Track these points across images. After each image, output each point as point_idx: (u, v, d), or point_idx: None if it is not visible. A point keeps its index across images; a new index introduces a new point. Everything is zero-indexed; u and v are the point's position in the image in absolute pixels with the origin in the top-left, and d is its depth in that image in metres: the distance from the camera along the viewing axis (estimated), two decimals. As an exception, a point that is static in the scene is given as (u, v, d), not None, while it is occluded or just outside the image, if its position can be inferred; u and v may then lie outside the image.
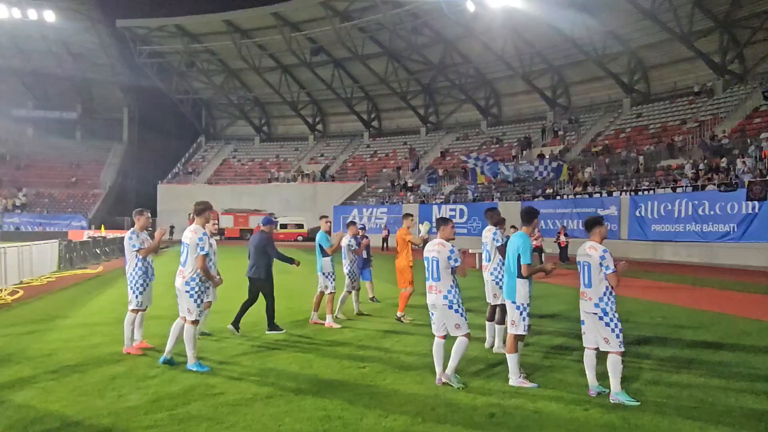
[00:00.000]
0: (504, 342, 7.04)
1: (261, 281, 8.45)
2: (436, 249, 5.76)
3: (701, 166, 26.92)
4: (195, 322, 6.28)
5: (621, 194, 28.35)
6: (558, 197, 31.57)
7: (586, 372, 5.21)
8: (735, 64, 35.46)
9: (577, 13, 35.74)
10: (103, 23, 49.73)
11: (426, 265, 5.82)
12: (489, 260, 7.26)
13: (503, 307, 7.00)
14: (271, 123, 60.37)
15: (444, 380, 5.53)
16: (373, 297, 11.90)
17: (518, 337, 5.55)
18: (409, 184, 43.28)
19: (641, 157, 31.85)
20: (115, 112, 59.71)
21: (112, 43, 52.10)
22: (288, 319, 9.45)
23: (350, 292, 10.24)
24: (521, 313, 5.52)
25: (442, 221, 5.92)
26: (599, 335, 5.04)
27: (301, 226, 45.33)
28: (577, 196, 30.67)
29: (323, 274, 9.26)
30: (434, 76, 48.58)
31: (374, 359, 6.74)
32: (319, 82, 52.61)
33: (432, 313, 5.84)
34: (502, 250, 7.05)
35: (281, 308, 10.82)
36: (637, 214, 26.70)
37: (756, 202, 21.66)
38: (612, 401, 4.88)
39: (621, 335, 4.98)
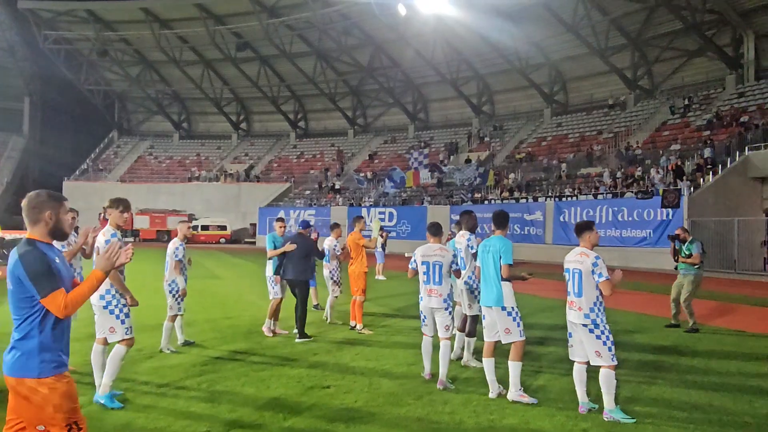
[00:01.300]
0: (473, 354, 6.79)
1: (303, 283, 8.47)
2: (439, 254, 6.01)
3: (618, 175, 28.43)
4: (123, 342, 5.23)
5: (546, 200, 29.35)
6: (486, 202, 32.21)
7: (576, 388, 4.97)
8: (645, 79, 37.93)
9: (504, 24, 36.78)
10: (3, 3, 45.31)
11: (426, 270, 5.97)
12: (464, 267, 6.94)
13: (474, 318, 6.72)
14: (191, 119, 57.61)
15: (441, 387, 5.63)
16: (317, 304, 11.32)
17: (521, 344, 5.24)
18: (337, 186, 42.70)
19: (563, 165, 33.21)
20: (14, 102, 54.48)
21: (12, 26, 47.56)
22: (229, 330, 8.69)
23: (336, 297, 9.95)
24: (514, 318, 5.21)
25: (437, 228, 6.25)
26: (589, 348, 4.81)
27: (224, 227, 43.48)
28: (504, 201, 31.43)
29: (269, 278, 8.65)
30: (363, 78, 48.32)
31: (336, 376, 6.20)
32: (244, 79, 50.82)
33: (425, 316, 6.01)
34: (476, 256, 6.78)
35: (217, 317, 10.04)
36: (561, 219, 27.72)
37: (670, 209, 23.07)
38: (606, 419, 4.66)
39: (613, 348, 4.78)
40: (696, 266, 9.37)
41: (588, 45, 37.03)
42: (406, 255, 20.91)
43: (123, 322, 5.23)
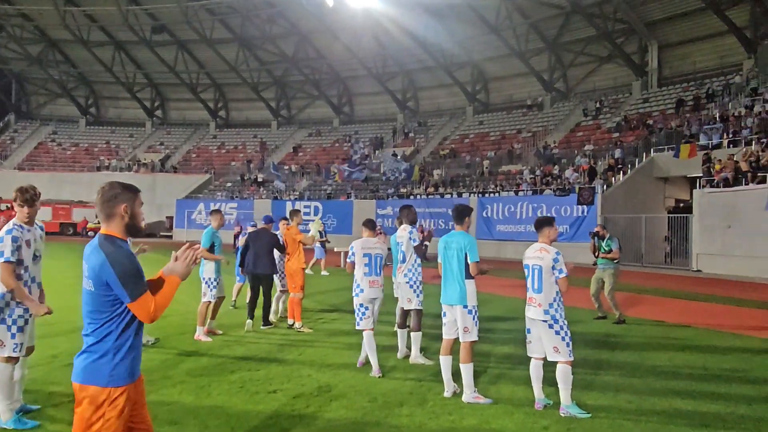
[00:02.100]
0: (421, 350, 6.70)
1: (270, 277, 8.69)
2: (380, 246, 6.43)
3: (537, 172, 29.66)
4: (10, 360, 4.39)
5: (470, 195, 30.07)
6: (411, 197, 32.52)
7: (533, 384, 4.99)
8: (560, 82, 39.81)
9: (430, 21, 37.27)
10: None
11: (368, 261, 6.27)
12: (404, 261, 6.82)
13: (418, 312, 6.63)
14: (100, 104, 53.82)
15: (378, 375, 5.88)
16: (235, 302, 10.82)
17: (473, 345, 5.16)
18: (260, 179, 41.53)
19: (486, 162, 34.19)
20: None
21: None
22: (157, 332, 8.08)
23: (284, 292, 9.46)
24: (473, 317, 5.13)
25: (373, 223, 6.60)
26: (548, 344, 4.84)
27: (137, 220, 40.99)
28: (430, 197, 31.89)
29: (203, 279, 8.11)
30: (288, 69, 47.24)
31: (282, 379, 5.89)
32: (160, 64, 48.12)
33: (367, 308, 6.21)
34: (419, 249, 6.68)
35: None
36: (484, 214, 28.51)
37: (585, 206, 24.34)
38: (562, 414, 4.70)
39: (571, 343, 4.84)
40: (615, 261, 9.87)
41: (509, 46, 38.32)
42: (336, 250, 20.65)
43: (14, 336, 4.36)
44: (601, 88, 37.39)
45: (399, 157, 38.01)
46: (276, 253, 9.00)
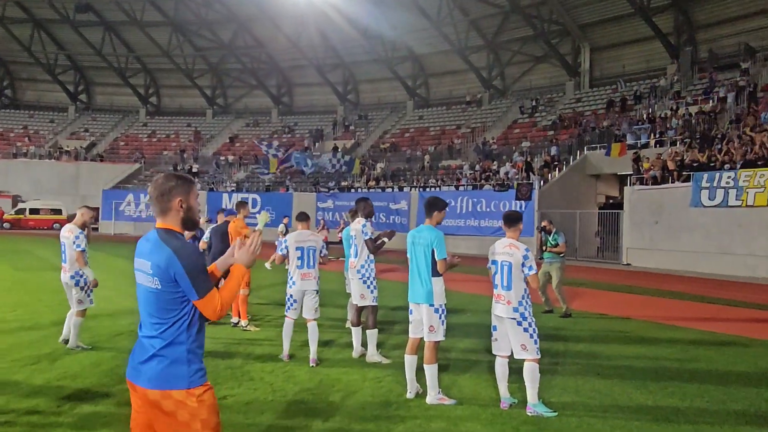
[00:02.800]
0: (377, 348, 6.50)
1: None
2: (313, 239, 6.57)
3: (477, 168, 30.14)
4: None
5: (411, 190, 30.17)
6: (352, 190, 32.26)
7: (498, 383, 4.89)
8: (498, 80, 40.65)
9: (373, 13, 36.99)
10: None
11: (301, 255, 6.42)
12: (356, 256, 6.58)
13: (374, 308, 6.43)
14: (16, 86, 49.95)
15: (314, 364, 6.09)
16: None
17: (437, 345, 4.98)
18: (194, 170, 39.91)
19: (426, 156, 34.42)
20: None
21: None
22: (85, 334, 7.44)
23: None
24: (440, 316, 4.94)
25: (306, 216, 6.74)
26: (515, 341, 4.74)
27: (58, 211, 38.35)
28: (371, 190, 31.74)
29: None
30: (224, 56, 45.65)
31: (232, 384, 5.50)
32: (86, 46, 45.21)
33: (295, 300, 6.44)
34: (371, 244, 6.46)
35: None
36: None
37: (523, 202, 24.94)
38: (529, 413, 4.62)
39: (538, 341, 4.76)
40: (561, 255, 10.09)
41: (450, 42, 38.69)
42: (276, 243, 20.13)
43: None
44: (536, 87, 38.47)
45: (340, 150, 37.59)
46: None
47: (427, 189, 29.74)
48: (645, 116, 27.54)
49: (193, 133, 45.91)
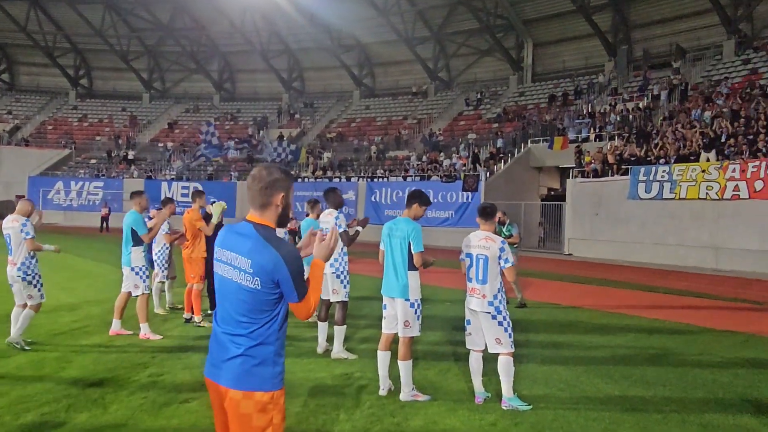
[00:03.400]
0: (343, 344, 6.35)
1: None
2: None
3: (424, 159, 30.33)
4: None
5: (358, 180, 29.99)
6: (299, 180, 31.74)
7: (473, 377, 4.86)
8: (444, 71, 40.98)
9: (319, 1, 36.25)
10: None
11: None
12: None
13: (344, 304, 6.27)
14: (-73, 63, 45.97)
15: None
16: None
17: (412, 341, 4.87)
18: (130, 156, 38.08)
19: (373, 147, 34.29)
20: None
21: None
22: (46, 329, 6.88)
23: (164, 282, 8.76)
24: (416, 311, 4.84)
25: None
26: (489, 335, 4.70)
27: (-23, 199, 35.67)
28: (318, 180, 31.33)
29: (132, 269, 7.07)
30: (162, 38, 43.62)
31: (192, 386, 5.20)
32: (9, 22, 41.96)
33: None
34: (345, 237, 6.30)
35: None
36: (373, 199, 28.61)
37: (469, 193, 25.32)
38: (504, 408, 4.62)
39: (513, 334, 4.75)
40: (515, 245, 10.24)
41: (396, 32, 38.58)
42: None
43: None
44: (481, 80, 39.04)
45: (285, 139, 36.87)
46: (159, 237, 8.32)
47: (375, 179, 29.67)
48: (585, 111, 28.52)
49: (128, 117, 43.73)
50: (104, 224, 28.84)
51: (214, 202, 8.34)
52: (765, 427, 4.33)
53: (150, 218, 8.20)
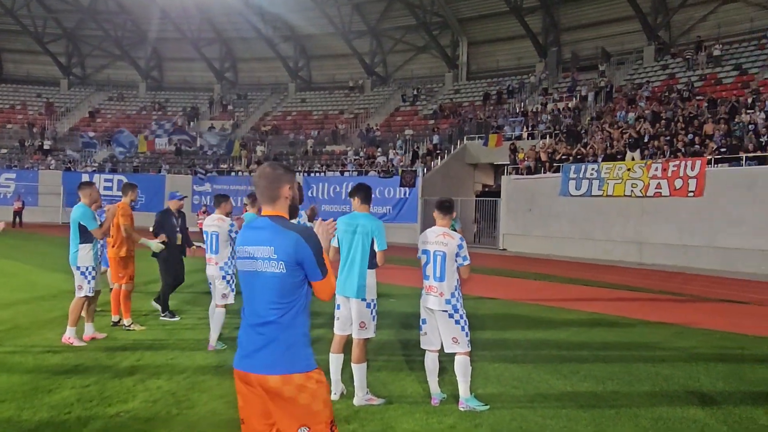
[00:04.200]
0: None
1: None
2: (217, 224, 6.55)
3: (361, 154, 30.14)
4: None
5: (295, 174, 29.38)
6: (233, 173, 30.73)
7: (428, 378, 4.70)
8: (381, 67, 40.94)
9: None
10: None
11: (205, 239, 6.54)
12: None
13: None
14: None
15: (211, 349, 6.14)
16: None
17: (366, 343, 4.65)
18: (46, 146, 35.49)
19: (309, 141, 33.74)
20: None
21: None
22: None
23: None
24: (372, 312, 4.61)
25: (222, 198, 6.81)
26: (446, 335, 4.56)
27: None
28: (253, 174, 30.40)
29: (78, 268, 6.44)
30: (82, 20, 40.92)
31: (124, 396, 4.76)
32: None
33: (210, 284, 6.53)
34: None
35: None
36: (310, 194, 28.07)
37: (407, 188, 25.39)
38: (462, 409, 4.49)
39: (469, 333, 4.63)
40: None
41: (333, 25, 38.11)
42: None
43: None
44: (418, 76, 39.27)
45: (217, 131, 35.61)
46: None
47: (312, 174, 29.19)
48: (518, 110, 29.30)
49: (44, 105, 40.73)
50: (17, 219, 26.71)
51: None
52: (712, 418, 4.45)
53: (104, 213, 7.24)
